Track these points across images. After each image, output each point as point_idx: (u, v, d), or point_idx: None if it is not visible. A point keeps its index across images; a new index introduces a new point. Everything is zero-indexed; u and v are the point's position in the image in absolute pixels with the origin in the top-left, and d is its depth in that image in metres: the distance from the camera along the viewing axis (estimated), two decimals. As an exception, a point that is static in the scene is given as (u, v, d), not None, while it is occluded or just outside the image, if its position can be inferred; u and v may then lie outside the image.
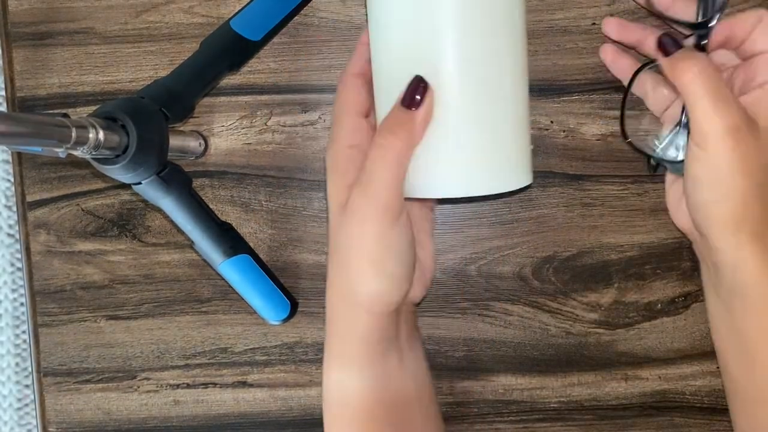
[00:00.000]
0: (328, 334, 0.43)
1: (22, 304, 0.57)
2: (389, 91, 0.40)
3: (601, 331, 0.51)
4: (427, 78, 0.38)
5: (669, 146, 0.47)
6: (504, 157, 0.40)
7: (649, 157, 0.48)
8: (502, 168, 0.40)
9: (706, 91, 0.39)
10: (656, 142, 0.48)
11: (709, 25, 0.43)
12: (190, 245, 0.48)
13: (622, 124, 0.48)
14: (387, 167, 0.38)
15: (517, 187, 0.41)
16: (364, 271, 0.40)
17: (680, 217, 0.47)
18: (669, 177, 0.48)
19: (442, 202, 0.50)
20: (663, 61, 0.41)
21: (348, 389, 0.42)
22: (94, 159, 0.41)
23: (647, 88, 0.48)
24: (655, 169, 0.49)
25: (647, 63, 0.47)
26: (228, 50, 0.48)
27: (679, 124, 0.46)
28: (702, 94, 0.39)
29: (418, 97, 0.38)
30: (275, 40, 0.50)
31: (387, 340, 0.42)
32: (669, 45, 0.41)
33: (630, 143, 0.48)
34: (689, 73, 0.40)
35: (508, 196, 0.50)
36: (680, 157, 0.45)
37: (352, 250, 0.40)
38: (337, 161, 0.42)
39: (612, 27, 0.48)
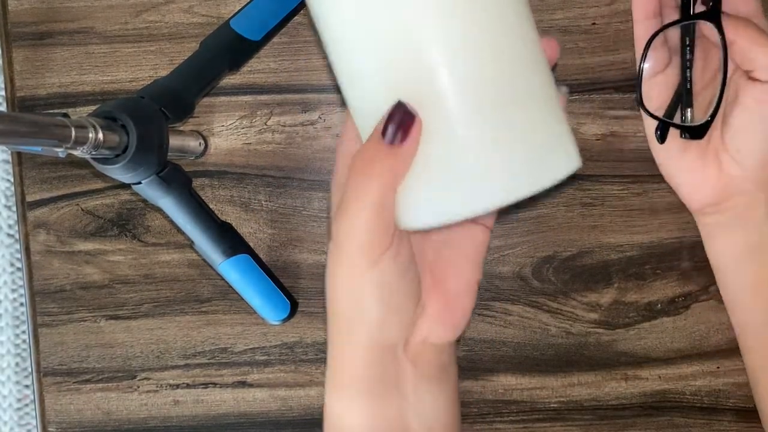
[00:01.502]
0: (328, 361, 0.38)
1: (21, 304, 0.57)
2: (362, 103, 0.34)
3: (601, 331, 0.51)
4: (408, 91, 0.31)
5: (675, 112, 0.47)
6: (524, 155, 0.32)
7: (664, 124, 0.47)
8: (524, 167, 0.31)
9: None
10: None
11: None
12: (190, 245, 0.48)
13: (639, 89, 0.47)
14: (364, 212, 0.33)
15: (550, 183, 0.32)
16: (345, 309, 0.36)
17: (710, 182, 0.46)
18: (670, 156, 0.47)
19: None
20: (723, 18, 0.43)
21: (346, 425, 0.38)
22: (94, 159, 0.41)
23: (655, 49, 0.46)
24: (663, 139, 0.47)
25: (673, 22, 0.46)
26: (228, 50, 0.48)
27: (681, 89, 0.46)
28: None
29: (400, 129, 0.31)
30: (275, 39, 0.50)
31: (384, 379, 0.37)
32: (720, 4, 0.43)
33: (647, 111, 0.47)
34: (752, 25, 0.42)
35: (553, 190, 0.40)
36: (695, 122, 0.46)
37: (333, 285, 0.36)
38: (338, 170, 0.39)
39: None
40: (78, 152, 0.38)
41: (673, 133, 0.47)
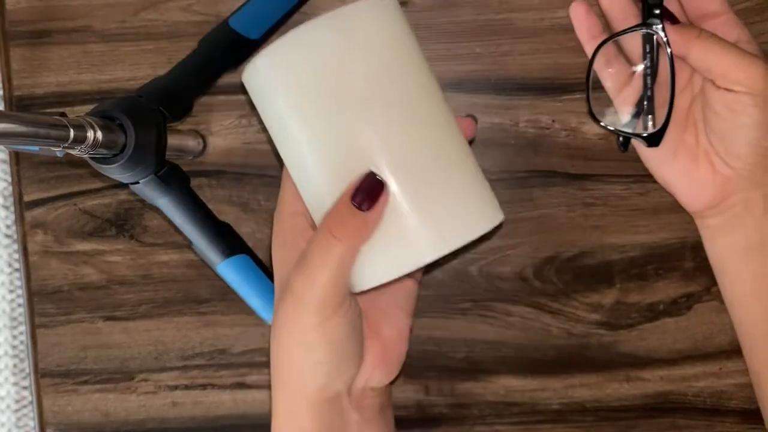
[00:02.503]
0: (273, 415, 0.40)
1: (19, 305, 0.57)
2: (318, 177, 0.37)
3: (602, 332, 0.51)
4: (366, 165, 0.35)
5: (639, 122, 0.47)
6: (453, 214, 0.36)
7: (620, 136, 0.47)
8: (455, 225, 0.36)
9: (727, 43, 0.42)
10: (626, 120, 0.47)
11: None
12: (189, 245, 0.47)
13: (588, 104, 0.47)
14: (327, 270, 0.35)
15: (477, 235, 0.37)
16: (297, 358, 0.38)
17: (706, 183, 0.45)
18: (661, 162, 0.47)
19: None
20: (671, 30, 0.43)
21: None
22: (92, 158, 0.41)
23: (611, 63, 0.47)
24: (626, 147, 0.48)
25: (618, 33, 0.46)
26: (226, 48, 0.48)
27: (643, 98, 0.46)
28: (729, 48, 0.42)
29: (370, 196, 0.35)
30: (274, 38, 0.50)
31: (332, 429, 0.39)
32: (674, 15, 0.44)
33: (602, 124, 0.47)
34: (704, 36, 0.43)
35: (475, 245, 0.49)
36: (651, 130, 0.46)
37: (284, 334, 0.38)
38: (282, 230, 0.41)
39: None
40: (76, 152, 0.38)
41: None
